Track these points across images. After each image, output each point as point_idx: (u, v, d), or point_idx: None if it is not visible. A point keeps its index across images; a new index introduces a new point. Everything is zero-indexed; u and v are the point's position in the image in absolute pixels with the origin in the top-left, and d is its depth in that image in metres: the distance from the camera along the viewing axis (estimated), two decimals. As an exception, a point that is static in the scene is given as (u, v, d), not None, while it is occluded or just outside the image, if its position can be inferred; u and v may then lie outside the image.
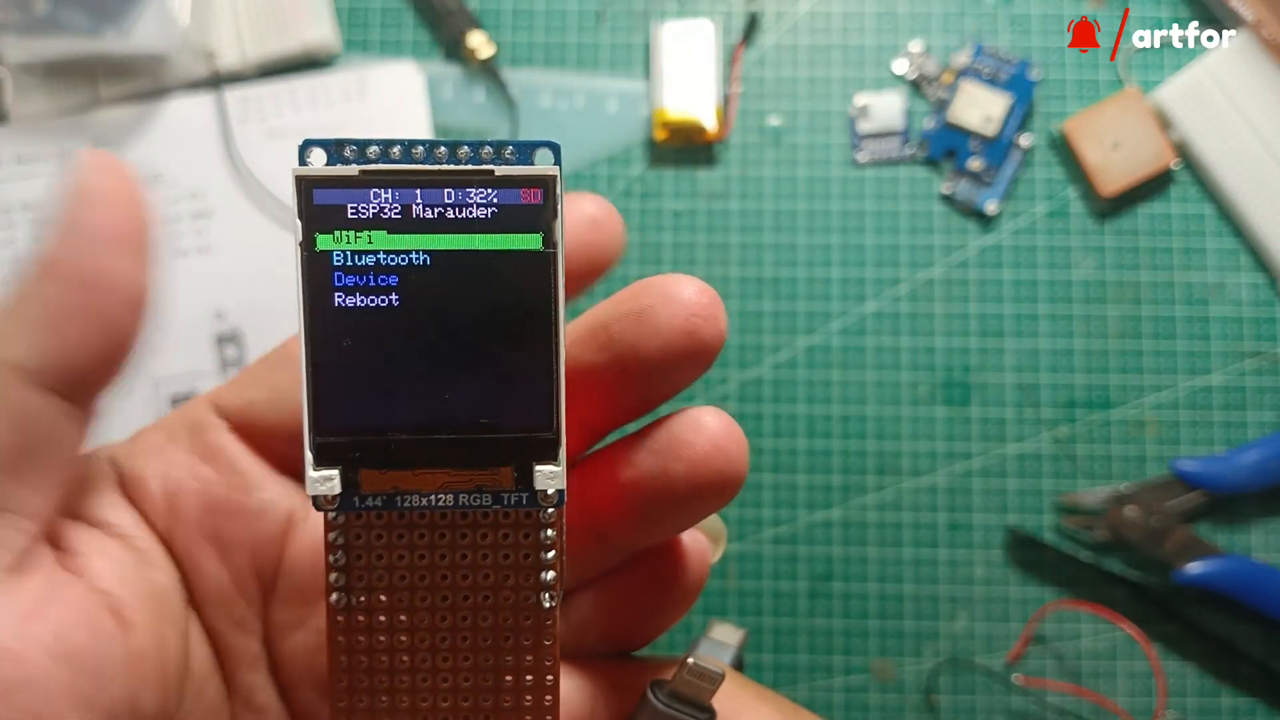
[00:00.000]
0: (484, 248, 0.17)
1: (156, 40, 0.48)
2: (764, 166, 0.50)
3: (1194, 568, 0.45)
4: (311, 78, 0.50)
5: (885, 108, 0.50)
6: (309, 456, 0.17)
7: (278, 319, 0.49)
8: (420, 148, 0.17)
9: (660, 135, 0.49)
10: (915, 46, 0.50)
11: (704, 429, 0.20)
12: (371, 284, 0.17)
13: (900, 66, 0.50)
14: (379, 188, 0.17)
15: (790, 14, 0.51)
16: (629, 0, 0.51)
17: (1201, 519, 0.48)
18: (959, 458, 0.48)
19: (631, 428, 0.22)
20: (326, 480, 0.17)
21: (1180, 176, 0.49)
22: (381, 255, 0.17)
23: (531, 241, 0.17)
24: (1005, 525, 0.48)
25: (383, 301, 0.17)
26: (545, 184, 0.17)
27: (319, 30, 0.50)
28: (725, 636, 0.44)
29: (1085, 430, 0.48)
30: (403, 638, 0.19)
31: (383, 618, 0.19)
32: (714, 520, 0.45)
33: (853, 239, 0.50)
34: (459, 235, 0.17)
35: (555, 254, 0.17)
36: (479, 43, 0.49)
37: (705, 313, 0.19)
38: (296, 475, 0.24)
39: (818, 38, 0.51)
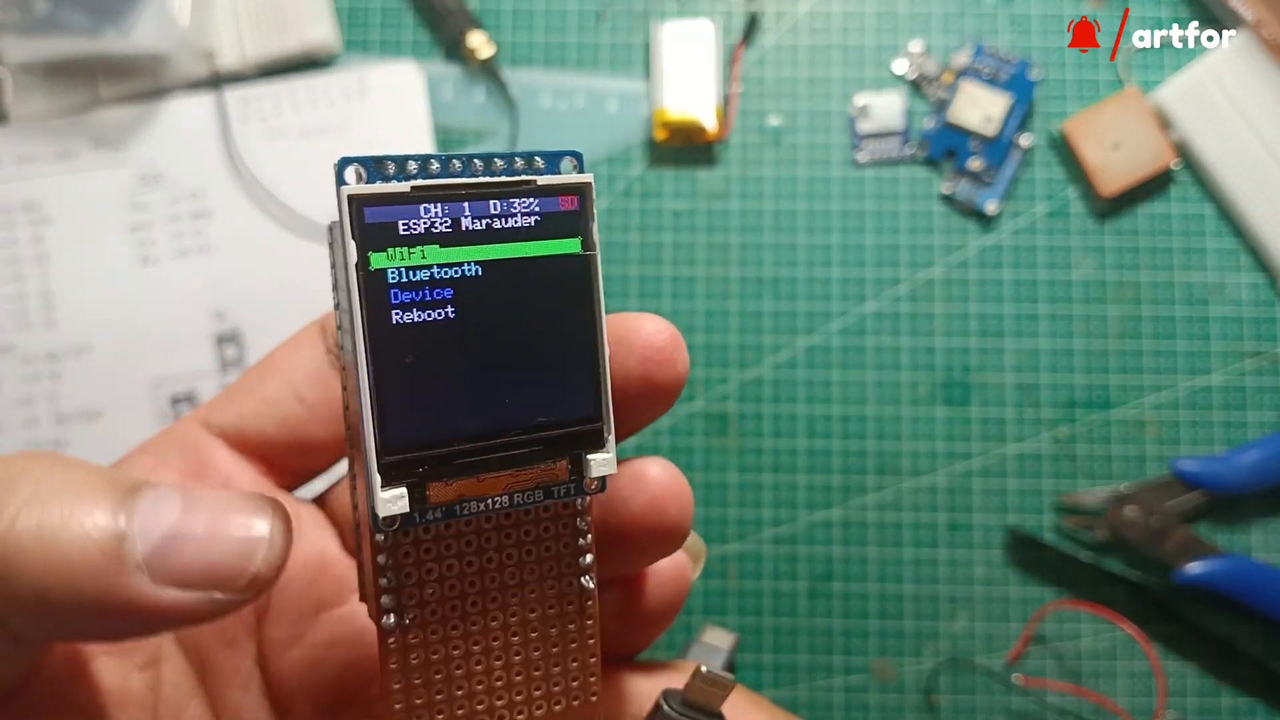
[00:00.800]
0: (531, 254, 0.18)
1: (156, 40, 0.48)
2: (764, 166, 0.50)
3: (1194, 568, 0.45)
4: (311, 78, 0.50)
5: (885, 108, 0.50)
6: (376, 479, 0.17)
7: (278, 319, 0.49)
8: (457, 161, 0.18)
9: (660, 135, 0.49)
10: (915, 46, 0.50)
11: (643, 484, 0.20)
12: (427, 298, 0.17)
13: (900, 66, 0.50)
14: (429, 203, 0.17)
15: (790, 14, 0.51)
16: (629, 0, 0.51)
17: (1201, 519, 0.48)
18: (959, 458, 0.48)
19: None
20: (397, 499, 0.17)
21: (1180, 176, 0.49)
22: (435, 269, 0.17)
23: (572, 245, 0.18)
24: (1005, 525, 0.48)
25: (439, 315, 0.17)
26: (582, 190, 0.18)
27: (319, 30, 0.50)
28: (717, 640, 0.44)
29: (1085, 430, 0.48)
30: (456, 647, 0.19)
31: (435, 632, 0.19)
32: (693, 538, 0.45)
33: (853, 239, 0.49)
34: (507, 244, 0.18)
35: (594, 255, 0.18)
36: (479, 43, 0.49)
37: (660, 357, 0.19)
38: (291, 485, 0.23)
39: (818, 38, 0.51)
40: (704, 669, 0.21)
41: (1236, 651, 0.47)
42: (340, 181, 0.17)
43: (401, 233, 0.17)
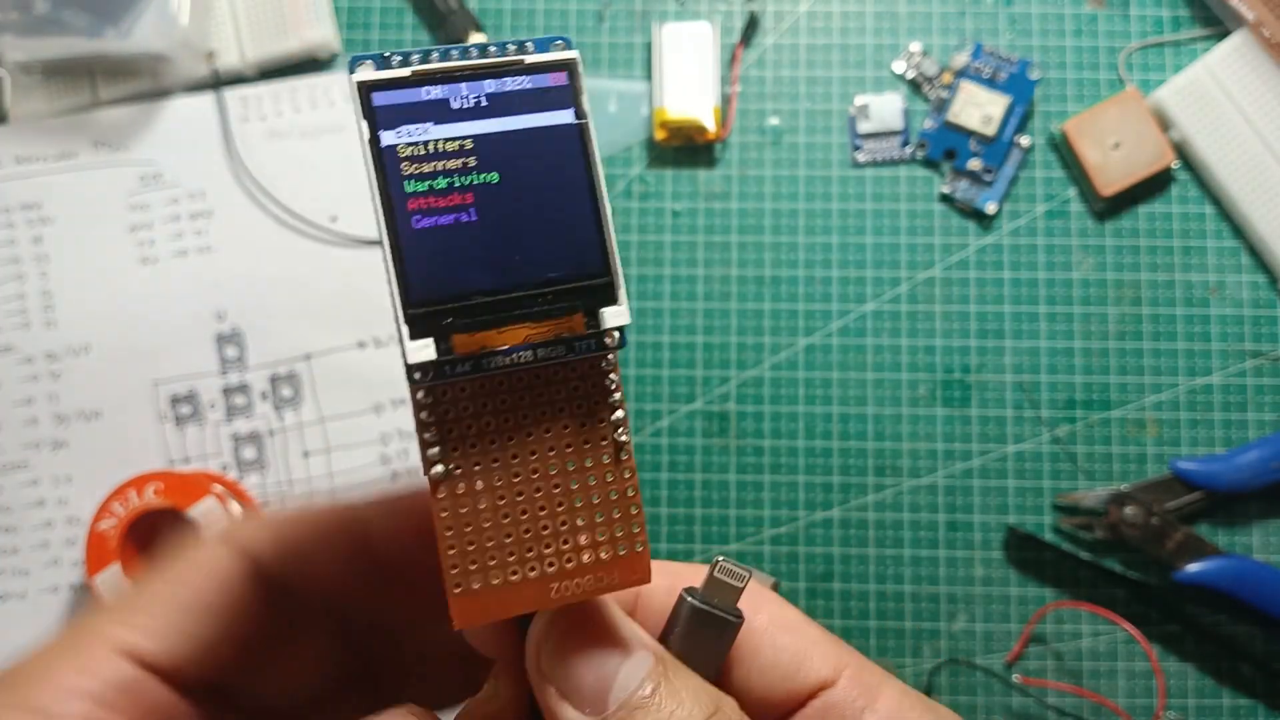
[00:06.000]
0: (526, 126, 0.19)
1: (156, 40, 0.48)
2: (764, 166, 0.50)
3: (1194, 568, 0.45)
4: (311, 78, 0.50)
5: (885, 108, 0.50)
6: (404, 330, 0.19)
7: (278, 319, 0.49)
8: (455, 51, 0.20)
9: (660, 135, 0.49)
10: (915, 46, 0.50)
11: None
12: (436, 169, 0.19)
13: (900, 66, 0.50)
14: (430, 84, 0.19)
15: (790, 14, 0.51)
16: (629, 0, 0.51)
17: (1201, 519, 0.48)
18: (959, 458, 0.48)
19: None
20: (424, 348, 0.19)
21: (1180, 176, 0.49)
22: (439, 142, 0.19)
23: (565, 116, 0.20)
24: (1005, 525, 0.48)
25: (448, 183, 0.19)
26: (569, 66, 0.20)
27: (319, 30, 0.50)
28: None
29: (1085, 430, 0.48)
30: (502, 497, 0.20)
31: (480, 482, 0.20)
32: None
33: (853, 239, 0.49)
34: (504, 118, 0.19)
35: (586, 124, 0.20)
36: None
37: None
38: None
39: (817, 38, 0.51)
40: (722, 559, 0.22)
41: (1236, 651, 0.46)
42: (351, 73, 0.19)
43: (407, 112, 0.19)
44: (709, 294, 0.49)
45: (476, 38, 0.49)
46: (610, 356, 0.20)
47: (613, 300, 0.20)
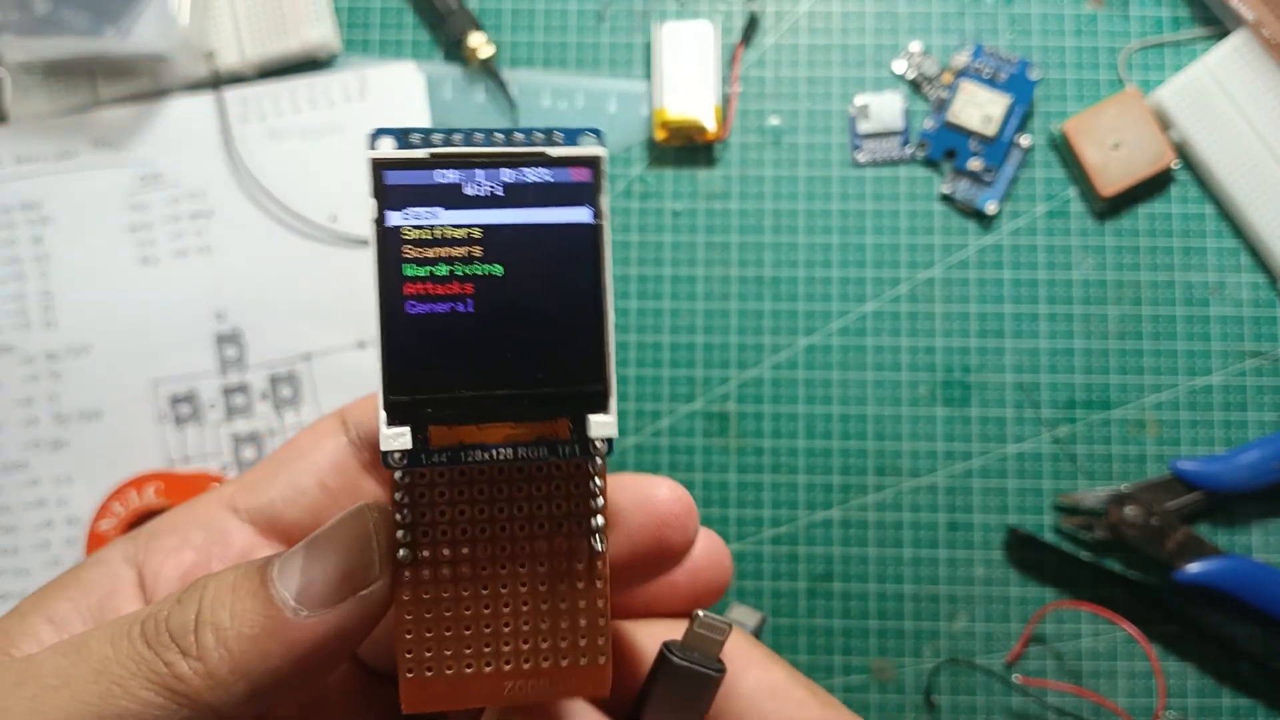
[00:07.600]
0: (538, 221, 0.19)
1: (156, 40, 0.48)
2: (764, 166, 0.50)
3: (1194, 568, 0.45)
4: (311, 78, 0.50)
5: (885, 108, 0.50)
6: (383, 415, 0.18)
7: (278, 319, 0.49)
8: (480, 134, 0.19)
9: (660, 135, 0.49)
10: (915, 46, 0.50)
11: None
12: (436, 256, 0.19)
13: (900, 66, 0.50)
14: (445, 169, 0.19)
15: (790, 14, 0.51)
16: (629, 0, 0.51)
17: (1201, 519, 0.48)
18: (959, 458, 0.48)
19: None
20: (399, 436, 0.18)
21: (1180, 176, 0.49)
22: (446, 228, 0.19)
23: (582, 214, 0.19)
24: (1005, 525, 0.48)
25: (447, 271, 0.19)
26: (594, 163, 0.19)
27: (319, 30, 0.50)
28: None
29: (1085, 430, 0.48)
30: (466, 589, 0.20)
31: (446, 570, 0.20)
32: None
33: (853, 239, 0.49)
34: (516, 210, 0.19)
35: (602, 225, 0.19)
36: (479, 43, 0.49)
37: (676, 523, 0.21)
38: None
39: (817, 38, 0.51)
40: (702, 614, 0.22)
41: (1236, 651, 0.47)
42: (371, 148, 0.19)
43: (417, 194, 0.19)
44: (709, 294, 0.49)
45: (475, 37, 0.49)
46: (598, 461, 0.20)
47: (602, 409, 0.19)
